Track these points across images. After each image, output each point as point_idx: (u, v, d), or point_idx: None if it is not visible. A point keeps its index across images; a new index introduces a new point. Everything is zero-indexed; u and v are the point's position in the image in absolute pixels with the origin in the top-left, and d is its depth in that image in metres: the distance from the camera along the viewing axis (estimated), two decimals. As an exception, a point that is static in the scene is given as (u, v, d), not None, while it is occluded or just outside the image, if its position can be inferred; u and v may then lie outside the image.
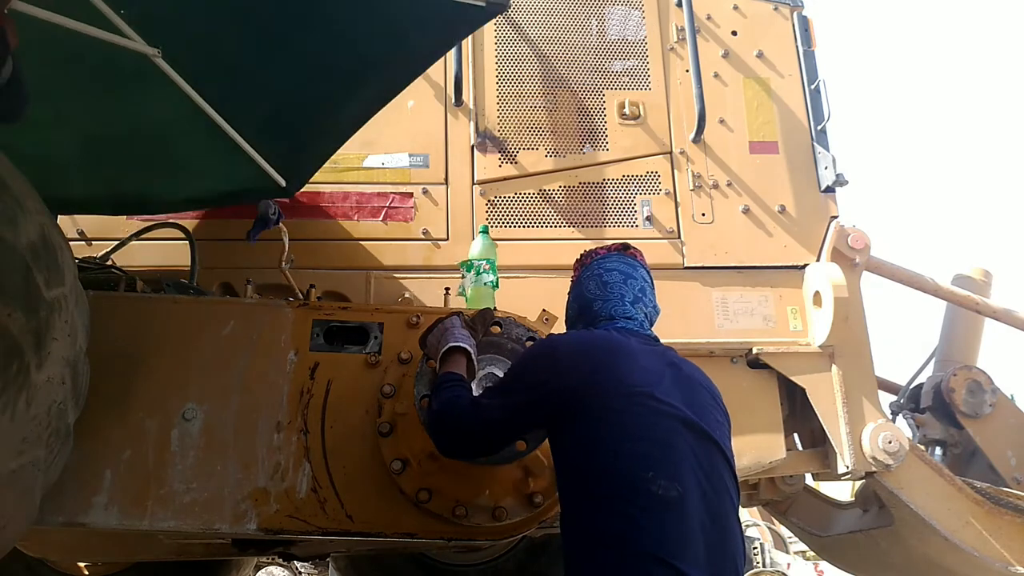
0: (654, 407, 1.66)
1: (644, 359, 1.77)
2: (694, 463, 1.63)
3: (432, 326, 2.11)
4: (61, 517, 2.09)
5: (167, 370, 2.26)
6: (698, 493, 1.60)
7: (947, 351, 4.23)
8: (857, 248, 3.47)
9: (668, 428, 1.65)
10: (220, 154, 2.87)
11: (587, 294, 1.99)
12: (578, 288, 2.05)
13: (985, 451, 3.83)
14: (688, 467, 1.62)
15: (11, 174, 1.72)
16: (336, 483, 2.19)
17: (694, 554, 1.53)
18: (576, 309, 2.04)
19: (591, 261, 2.05)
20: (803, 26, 3.84)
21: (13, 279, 1.62)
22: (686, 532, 1.54)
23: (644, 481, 1.56)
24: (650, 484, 1.55)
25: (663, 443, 1.63)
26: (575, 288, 2.08)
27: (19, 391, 1.63)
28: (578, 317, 2.03)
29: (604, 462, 1.61)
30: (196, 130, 2.76)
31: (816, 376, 3.29)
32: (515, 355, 2.15)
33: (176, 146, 2.91)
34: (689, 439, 1.66)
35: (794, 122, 3.68)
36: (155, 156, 2.95)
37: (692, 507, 1.57)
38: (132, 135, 2.81)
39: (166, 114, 2.71)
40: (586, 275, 2.03)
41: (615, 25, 3.84)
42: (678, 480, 1.58)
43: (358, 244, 3.37)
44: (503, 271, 2.73)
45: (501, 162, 3.52)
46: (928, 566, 3.46)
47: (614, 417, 1.64)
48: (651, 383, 1.70)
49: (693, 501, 1.58)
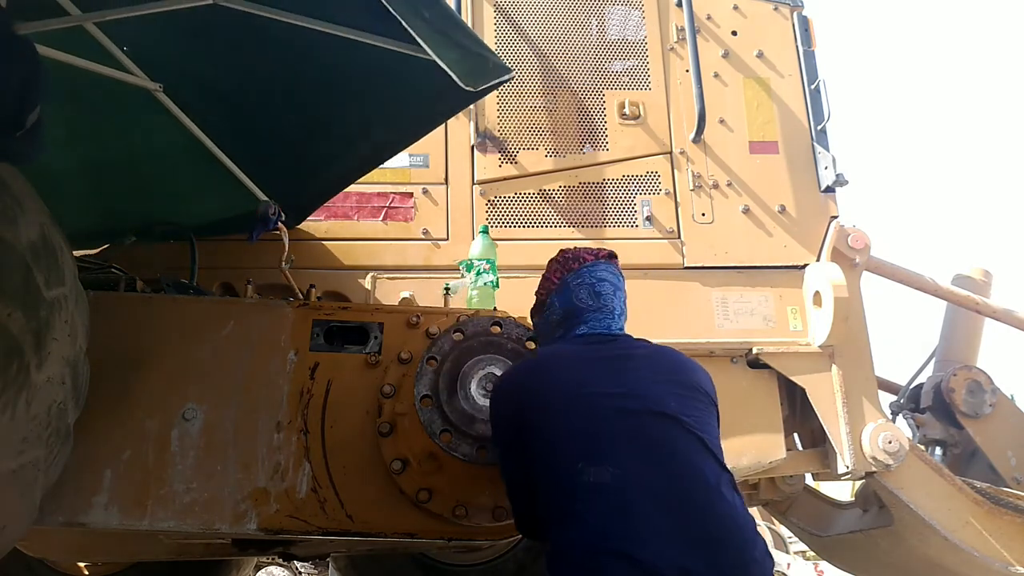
0: (584, 402, 1.69)
1: (575, 361, 1.80)
2: (637, 446, 1.62)
3: None
4: (61, 517, 2.09)
5: (167, 370, 2.26)
6: (645, 474, 1.57)
7: (947, 351, 4.23)
8: (857, 248, 3.47)
9: (599, 416, 1.66)
10: (220, 184, 2.95)
11: (578, 303, 1.94)
12: (566, 294, 1.96)
13: (985, 451, 3.83)
14: (626, 451, 1.60)
15: (11, 175, 1.72)
16: (336, 483, 2.19)
17: (651, 531, 1.50)
18: (561, 314, 1.96)
19: (580, 267, 1.98)
20: (803, 26, 3.84)
21: (13, 279, 1.62)
22: (632, 515, 1.52)
23: (576, 474, 1.58)
24: (581, 475, 1.58)
25: (591, 434, 1.64)
26: (562, 293, 1.97)
27: (19, 391, 1.63)
28: (561, 322, 1.96)
29: (545, 470, 1.67)
30: (197, 160, 2.84)
31: (816, 376, 3.29)
32: (515, 355, 2.15)
33: (177, 176, 2.99)
34: (630, 423, 1.65)
35: (794, 122, 3.68)
36: (156, 185, 3.02)
37: (636, 490, 1.55)
38: (132, 164, 2.89)
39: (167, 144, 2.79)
40: (575, 281, 1.97)
41: (615, 25, 3.84)
42: (611, 464, 1.58)
43: (358, 244, 3.37)
44: (503, 271, 2.73)
45: (501, 162, 3.52)
46: (928, 566, 3.46)
47: (546, 426, 1.70)
48: (580, 381, 1.73)
49: (638, 483, 1.56)
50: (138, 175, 2.95)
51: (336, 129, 2.72)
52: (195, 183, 3.01)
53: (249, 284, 2.54)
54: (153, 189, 3.04)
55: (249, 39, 2.38)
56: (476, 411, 2.07)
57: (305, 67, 2.48)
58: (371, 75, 2.42)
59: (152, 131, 2.74)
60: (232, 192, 2.99)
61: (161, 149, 2.84)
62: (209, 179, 2.95)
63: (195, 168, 2.90)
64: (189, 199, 3.11)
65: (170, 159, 2.89)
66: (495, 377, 2.14)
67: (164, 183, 3.03)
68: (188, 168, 2.92)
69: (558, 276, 2.00)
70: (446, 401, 2.07)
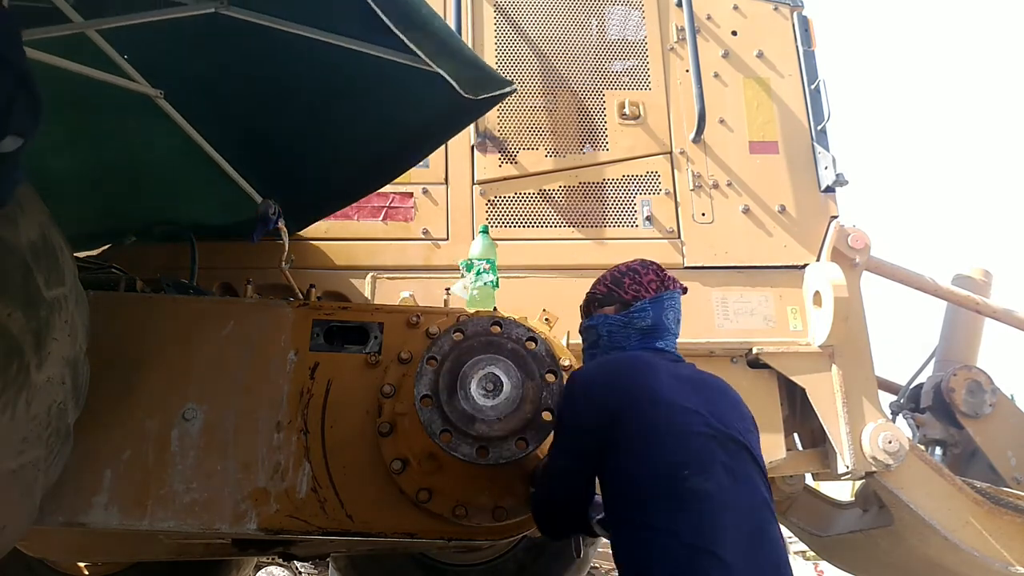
0: (681, 413, 1.79)
1: (668, 373, 1.89)
2: (723, 463, 1.74)
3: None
4: (61, 517, 2.09)
5: (167, 370, 2.26)
6: (731, 493, 1.71)
7: (947, 351, 4.23)
8: (857, 248, 3.47)
9: (695, 431, 1.77)
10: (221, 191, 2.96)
11: (665, 321, 2.07)
12: (658, 309, 2.06)
13: (985, 451, 3.83)
14: (718, 466, 1.73)
15: (11, 174, 1.71)
16: (336, 483, 2.19)
17: (733, 541, 1.63)
18: (649, 324, 2.05)
19: (674, 291, 2.11)
20: (803, 26, 3.84)
21: (13, 279, 1.62)
22: (723, 527, 1.65)
23: (682, 480, 1.69)
24: (686, 481, 1.68)
25: (691, 445, 1.75)
26: (656, 305, 2.07)
27: (19, 391, 1.63)
28: (645, 330, 2.05)
29: (648, 471, 1.73)
30: (198, 166, 2.85)
31: (816, 376, 3.29)
32: (515, 355, 2.15)
33: (177, 182, 3.01)
34: (715, 442, 1.78)
35: (794, 122, 3.68)
36: (156, 191, 3.03)
37: (727, 505, 1.69)
38: (134, 169, 2.91)
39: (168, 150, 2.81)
40: (669, 302, 2.09)
41: (615, 25, 3.84)
42: (710, 476, 1.70)
43: (358, 244, 3.37)
44: (503, 271, 2.73)
45: (501, 162, 3.52)
46: (928, 566, 3.46)
47: (646, 426, 1.77)
48: (676, 393, 1.82)
49: (729, 499, 1.69)
50: (139, 180, 2.96)
51: (336, 138, 2.73)
52: (196, 189, 3.03)
53: (249, 284, 2.54)
54: (154, 194, 3.05)
55: (250, 47, 2.39)
56: (476, 411, 2.07)
57: (306, 76, 2.49)
58: (372, 85, 2.42)
59: (153, 137, 2.75)
60: (233, 198, 3.00)
61: (162, 155, 2.85)
62: (210, 185, 2.96)
63: (196, 174, 2.91)
64: (190, 205, 3.12)
65: (171, 165, 2.90)
66: (495, 377, 2.14)
67: (165, 189, 3.05)
68: (189, 174, 2.93)
69: (655, 288, 2.09)
70: (446, 401, 2.07)
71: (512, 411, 2.07)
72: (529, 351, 2.17)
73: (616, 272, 2.15)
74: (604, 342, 2.08)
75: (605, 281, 2.14)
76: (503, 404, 2.07)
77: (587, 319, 2.16)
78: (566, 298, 3.27)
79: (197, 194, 3.06)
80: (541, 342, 2.19)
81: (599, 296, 2.13)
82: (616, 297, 2.09)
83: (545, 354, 2.17)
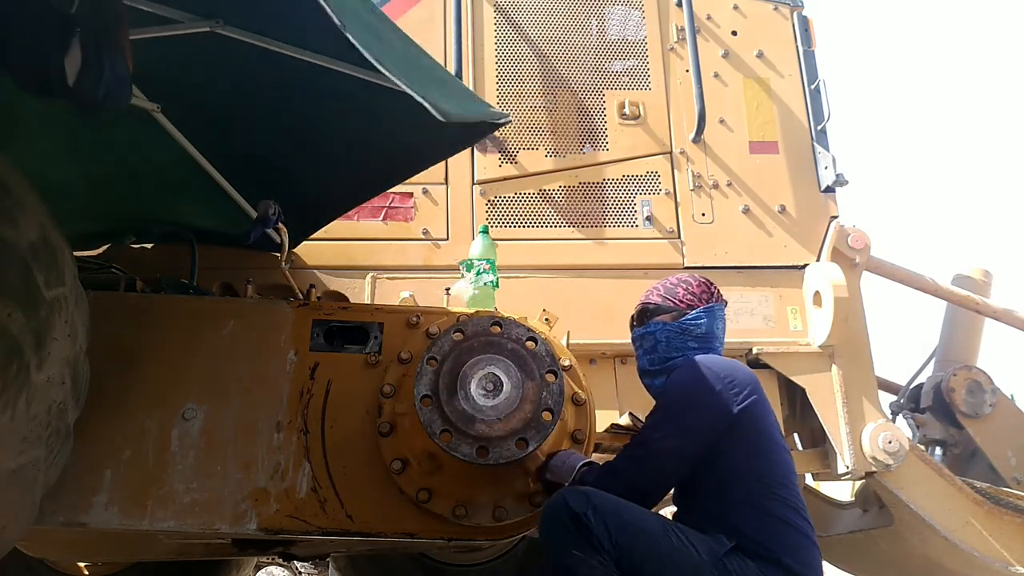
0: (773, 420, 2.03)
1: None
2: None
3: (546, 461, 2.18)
4: (61, 517, 2.09)
5: (167, 370, 2.26)
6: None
7: (947, 351, 4.23)
8: (857, 248, 3.47)
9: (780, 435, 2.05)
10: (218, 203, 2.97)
11: (717, 331, 2.20)
12: (711, 318, 2.19)
13: (985, 451, 3.83)
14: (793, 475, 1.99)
15: (11, 174, 1.72)
16: (336, 483, 2.19)
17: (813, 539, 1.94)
18: (703, 332, 2.16)
19: (722, 303, 2.24)
20: (803, 26, 3.84)
21: (13, 279, 1.62)
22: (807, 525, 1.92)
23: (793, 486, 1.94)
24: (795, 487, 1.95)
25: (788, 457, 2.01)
26: (709, 314, 2.18)
27: (19, 391, 1.63)
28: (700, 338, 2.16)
29: (769, 466, 1.93)
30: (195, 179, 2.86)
31: (816, 376, 3.29)
32: (515, 355, 2.15)
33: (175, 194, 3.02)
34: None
35: (794, 122, 3.68)
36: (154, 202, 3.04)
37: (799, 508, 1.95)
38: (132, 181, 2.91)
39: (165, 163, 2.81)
40: (720, 313, 2.22)
41: (615, 25, 3.84)
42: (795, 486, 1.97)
43: (358, 244, 3.37)
44: (503, 271, 2.73)
45: (501, 162, 3.52)
46: (928, 566, 3.46)
47: (767, 429, 1.98)
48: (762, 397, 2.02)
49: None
50: (137, 192, 2.97)
51: (329, 156, 2.75)
52: (193, 201, 3.04)
53: (249, 284, 2.54)
54: (152, 206, 3.05)
55: (246, 65, 2.40)
56: (476, 411, 2.07)
57: (300, 95, 2.51)
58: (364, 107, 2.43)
59: (151, 150, 2.76)
60: (229, 211, 3.01)
61: (160, 167, 2.86)
62: (207, 197, 2.97)
63: (193, 186, 2.92)
64: (188, 217, 3.12)
65: (169, 177, 2.91)
66: (495, 377, 2.14)
67: (162, 200, 3.05)
68: (186, 186, 2.94)
69: (707, 298, 2.21)
70: (446, 401, 2.07)
71: (512, 411, 2.07)
72: (529, 351, 2.17)
73: (669, 283, 2.26)
74: (662, 347, 2.17)
75: (658, 291, 2.25)
76: (503, 404, 2.08)
77: (643, 327, 2.23)
78: (566, 298, 3.28)
79: (195, 207, 3.07)
80: (541, 342, 2.19)
81: (653, 306, 2.23)
82: (670, 306, 2.20)
83: (545, 354, 2.17)
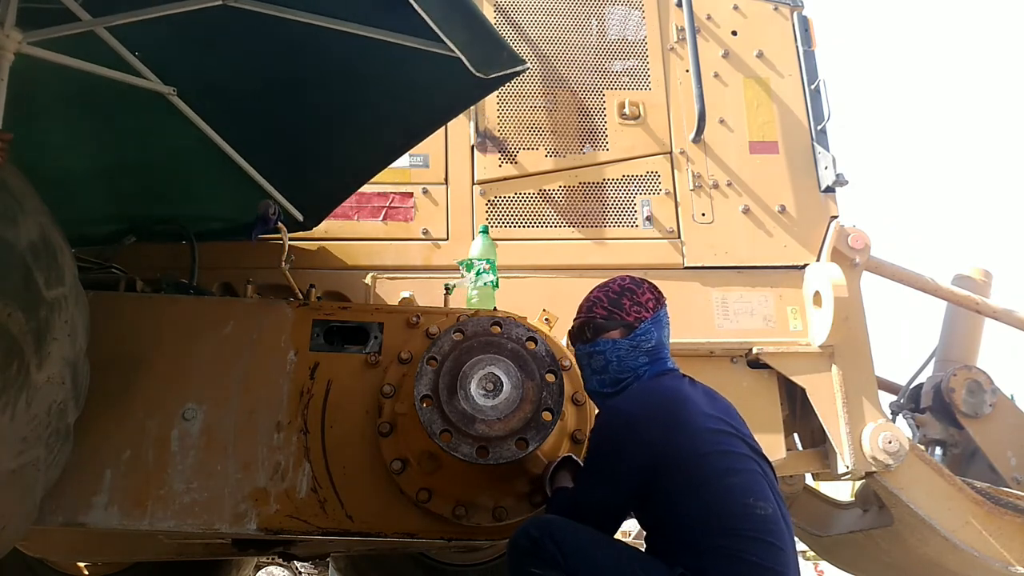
0: (721, 440, 1.81)
1: (694, 398, 1.90)
2: (765, 483, 1.79)
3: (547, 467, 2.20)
4: (61, 517, 2.09)
5: (167, 370, 2.26)
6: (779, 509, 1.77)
7: (947, 351, 4.23)
8: (857, 248, 3.47)
9: (736, 454, 1.80)
10: (235, 187, 2.94)
11: (663, 339, 2.06)
12: (658, 328, 2.05)
13: (985, 451, 3.82)
14: (764, 488, 1.78)
15: (11, 174, 1.72)
16: (336, 483, 2.19)
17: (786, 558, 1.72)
18: (654, 345, 2.02)
19: (664, 304, 2.09)
20: (803, 26, 3.83)
21: (13, 279, 1.63)
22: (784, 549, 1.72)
23: (751, 507, 1.72)
24: (754, 509, 1.72)
25: (740, 469, 1.78)
26: (656, 324, 2.04)
27: (19, 391, 1.64)
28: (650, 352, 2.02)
29: (702, 502, 1.73)
30: (212, 163, 2.83)
31: (816, 376, 3.29)
32: (515, 355, 2.15)
33: (191, 179, 2.99)
34: (754, 461, 1.82)
35: (794, 122, 3.68)
36: (169, 188, 3.01)
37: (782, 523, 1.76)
38: (146, 168, 2.89)
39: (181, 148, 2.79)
40: (665, 319, 2.08)
41: (615, 25, 3.84)
42: (764, 499, 1.75)
43: (358, 244, 3.37)
44: (503, 271, 2.73)
45: (501, 162, 3.51)
46: (928, 566, 3.46)
47: (697, 460, 1.77)
48: (708, 418, 1.84)
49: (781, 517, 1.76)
50: (152, 178, 2.94)
51: (349, 127, 2.71)
52: (210, 186, 3.01)
53: (249, 284, 2.54)
54: (167, 192, 3.02)
55: (259, 39, 2.39)
56: (476, 411, 2.07)
57: (315, 65, 2.48)
58: (382, 70, 2.41)
59: (166, 135, 2.74)
60: (247, 194, 2.97)
61: (175, 153, 2.83)
62: (224, 182, 2.94)
63: (210, 171, 2.90)
64: (204, 203, 3.10)
65: (185, 162, 2.88)
66: (495, 377, 2.14)
67: (178, 186, 3.02)
68: (203, 171, 2.91)
69: (653, 306, 2.06)
70: (446, 401, 2.07)
71: (512, 411, 2.07)
72: (529, 351, 2.17)
73: (611, 294, 2.06)
74: (614, 367, 2.01)
75: (603, 304, 2.05)
76: (503, 404, 2.08)
77: (589, 345, 2.05)
78: (566, 298, 3.26)
79: (207, 193, 3.04)
80: (541, 342, 2.19)
81: (599, 321, 2.04)
82: (619, 321, 2.02)
83: (545, 354, 2.17)
